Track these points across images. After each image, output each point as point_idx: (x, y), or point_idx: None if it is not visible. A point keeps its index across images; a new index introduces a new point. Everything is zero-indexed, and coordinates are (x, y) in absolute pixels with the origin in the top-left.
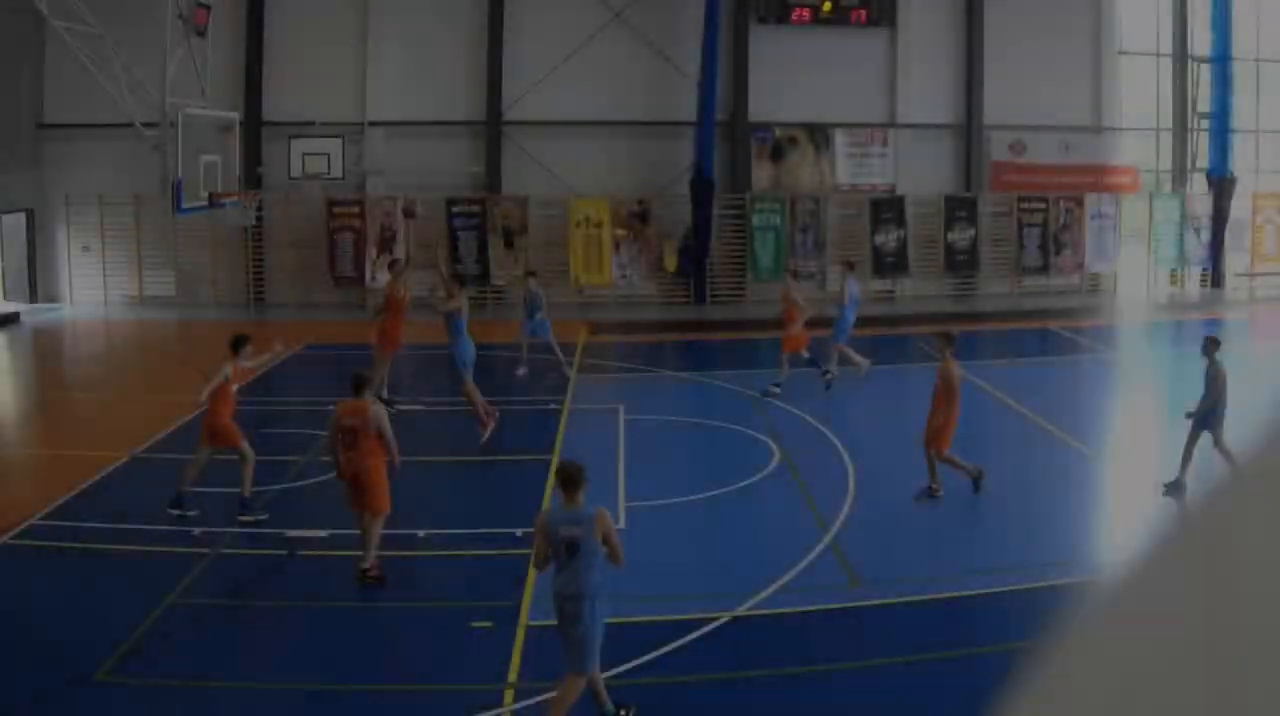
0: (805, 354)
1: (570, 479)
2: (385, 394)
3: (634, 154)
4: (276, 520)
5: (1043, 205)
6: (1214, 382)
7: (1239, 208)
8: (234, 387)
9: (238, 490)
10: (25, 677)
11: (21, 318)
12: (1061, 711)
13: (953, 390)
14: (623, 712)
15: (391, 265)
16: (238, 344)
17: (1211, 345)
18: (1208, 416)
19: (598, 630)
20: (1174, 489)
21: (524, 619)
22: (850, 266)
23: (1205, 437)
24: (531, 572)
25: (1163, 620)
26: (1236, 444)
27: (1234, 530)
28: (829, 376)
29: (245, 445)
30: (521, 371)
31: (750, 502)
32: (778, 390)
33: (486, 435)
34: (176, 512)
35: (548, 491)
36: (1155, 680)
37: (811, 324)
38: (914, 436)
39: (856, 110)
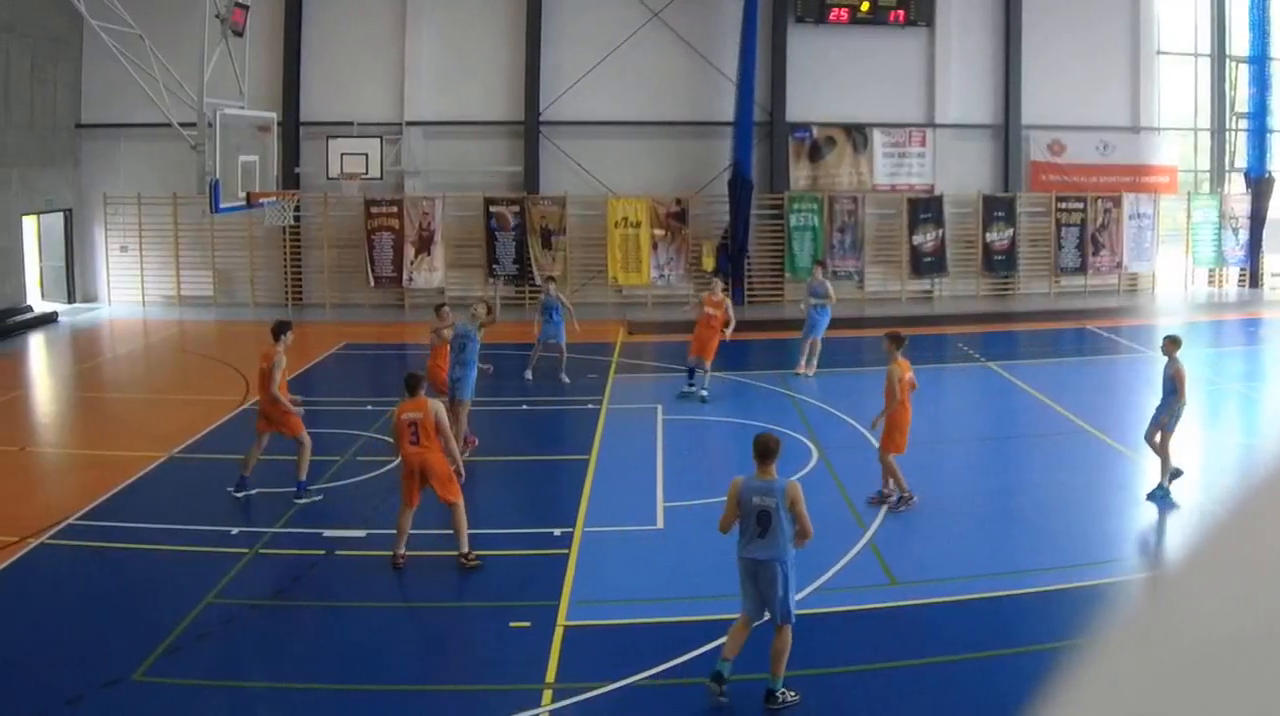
0: (696, 359)
1: (768, 450)
2: None
3: (672, 154)
4: (314, 520)
5: (1081, 205)
6: (1176, 381)
7: (1277, 207)
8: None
9: (279, 489)
10: (63, 677)
11: (59, 318)
12: (1099, 712)
13: (892, 392)
14: (788, 695)
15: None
16: (280, 330)
17: (1169, 344)
18: (1164, 411)
19: (794, 586)
20: (1162, 494)
21: (562, 619)
22: (824, 266)
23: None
24: (570, 572)
25: (1200, 620)
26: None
27: (1268, 530)
28: (700, 391)
29: (265, 441)
30: (564, 378)
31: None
32: (706, 393)
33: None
34: (304, 501)
35: (586, 490)
36: (1191, 680)
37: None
38: (950, 437)
39: (894, 110)
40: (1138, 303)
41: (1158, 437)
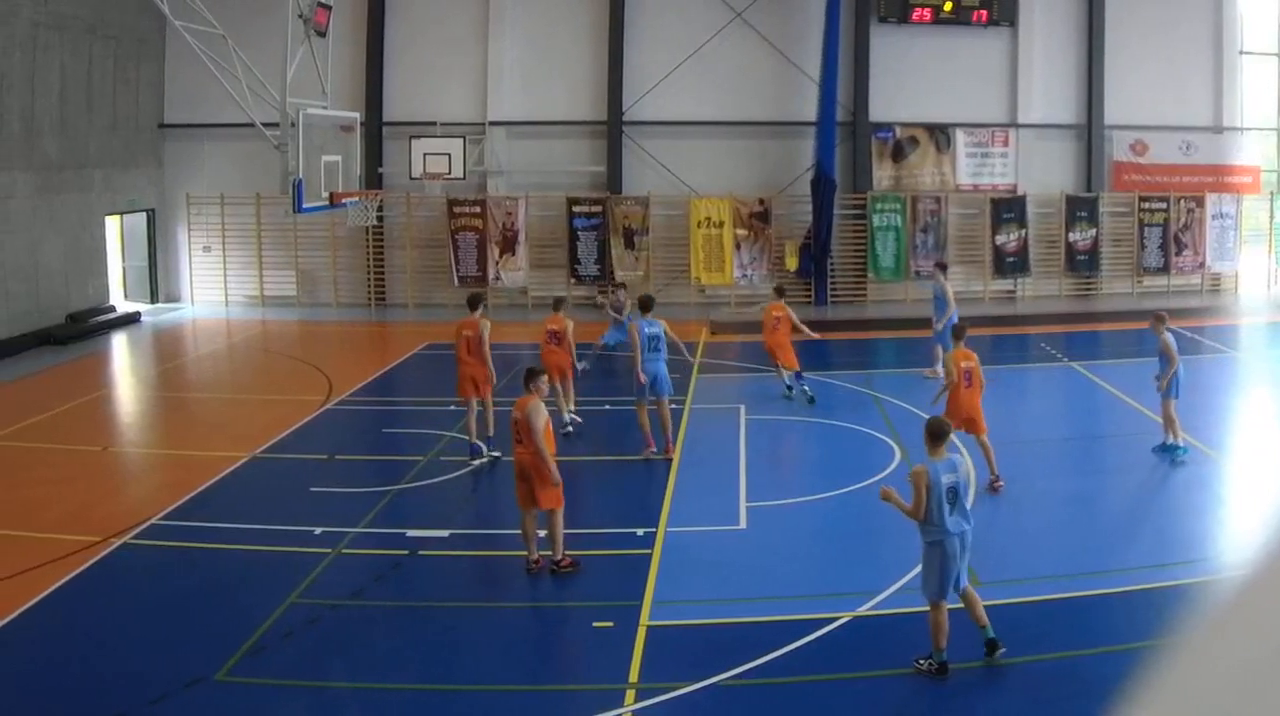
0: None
1: (943, 432)
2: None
3: (755, 154)
4: (397, 520)
5: (1163, 205)
6: (1166, 352)
7: None
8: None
9: (362, 489)
10: (146, 677)
11: (142, 318)
12: (1182, 712)
13: (949, 375)
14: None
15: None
16: (477, 301)
17: (1157, 321)
18: (1172, 382)
19: None
20: (1163, 451)
21: (645, 619)
22: (943, 268)
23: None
24: (653, 573)
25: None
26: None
27: None
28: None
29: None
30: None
31: (871, 502)
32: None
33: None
34: (480, 460)
35: (669, 491)
36: (1276, 682)
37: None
38: (1033, 436)
39: (977, 110)
40: (1221, 303)
41: (1173, 407)
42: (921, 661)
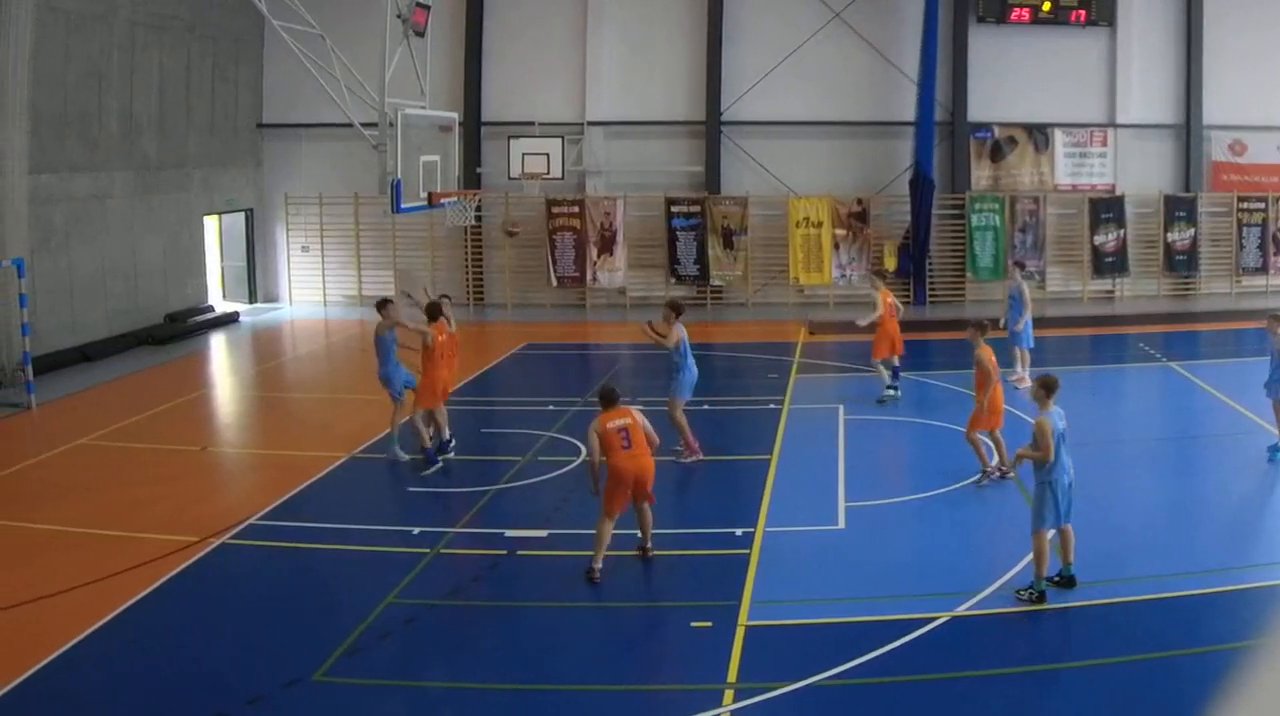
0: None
1: (1055, 387)
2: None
3: (853, 154)
4: (496, 520)
5: (1262, 205)
6: None
7: None
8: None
9: (461, 489)
10: (244, 677)
11: (241, 317)
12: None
13: (985, 374)
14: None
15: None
16: (431, 312)
17: (1274, 321)
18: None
19: None
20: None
21: (743, 619)
22: (1020, 266)
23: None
24: (751, 572)
25: None
26: None
27: None
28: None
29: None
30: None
31: (970, 502)
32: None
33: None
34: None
35: (768, 491)
36: None
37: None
38: (1132, 437)
39: (1075, 110)
40: None
41: None
42: (1022, 592)
